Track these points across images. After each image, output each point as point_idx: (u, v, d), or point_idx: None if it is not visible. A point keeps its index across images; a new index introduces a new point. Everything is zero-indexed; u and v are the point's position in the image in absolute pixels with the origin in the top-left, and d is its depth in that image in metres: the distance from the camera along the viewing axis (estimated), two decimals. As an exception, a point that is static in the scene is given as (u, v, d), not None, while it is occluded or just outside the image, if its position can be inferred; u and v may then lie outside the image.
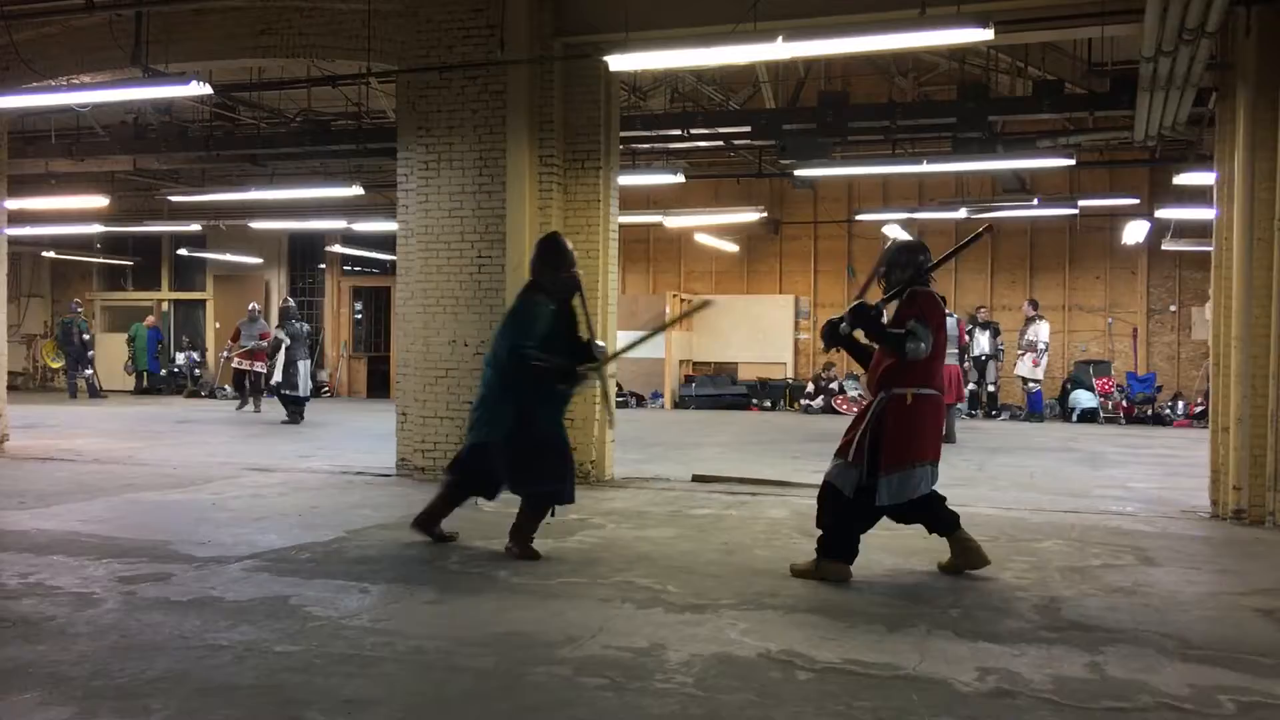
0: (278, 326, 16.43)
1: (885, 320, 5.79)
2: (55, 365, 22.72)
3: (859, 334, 5.85)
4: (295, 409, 15.57)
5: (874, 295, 5.96)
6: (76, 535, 6.65)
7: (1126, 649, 4.42)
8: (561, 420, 6.36)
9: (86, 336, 20.94)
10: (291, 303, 17.01)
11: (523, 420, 6.04)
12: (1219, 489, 7.86)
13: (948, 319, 13.77)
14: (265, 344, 16.96)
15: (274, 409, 16.63)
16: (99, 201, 16.94)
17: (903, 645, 4.44)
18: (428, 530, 6.49)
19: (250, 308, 17.97)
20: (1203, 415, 14.83)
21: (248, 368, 17.28)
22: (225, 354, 18.90)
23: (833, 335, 5.88)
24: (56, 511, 7.56)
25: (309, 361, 16.21)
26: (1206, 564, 6.28)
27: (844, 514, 5.68)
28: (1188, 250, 16.85)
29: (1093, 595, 5.38)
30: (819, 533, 5.77)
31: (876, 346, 5.86)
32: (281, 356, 15.88)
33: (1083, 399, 17.74)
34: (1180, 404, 17.48)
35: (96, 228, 20.23)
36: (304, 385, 15.88)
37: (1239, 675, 4.09)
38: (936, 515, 5.87)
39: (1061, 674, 4.07)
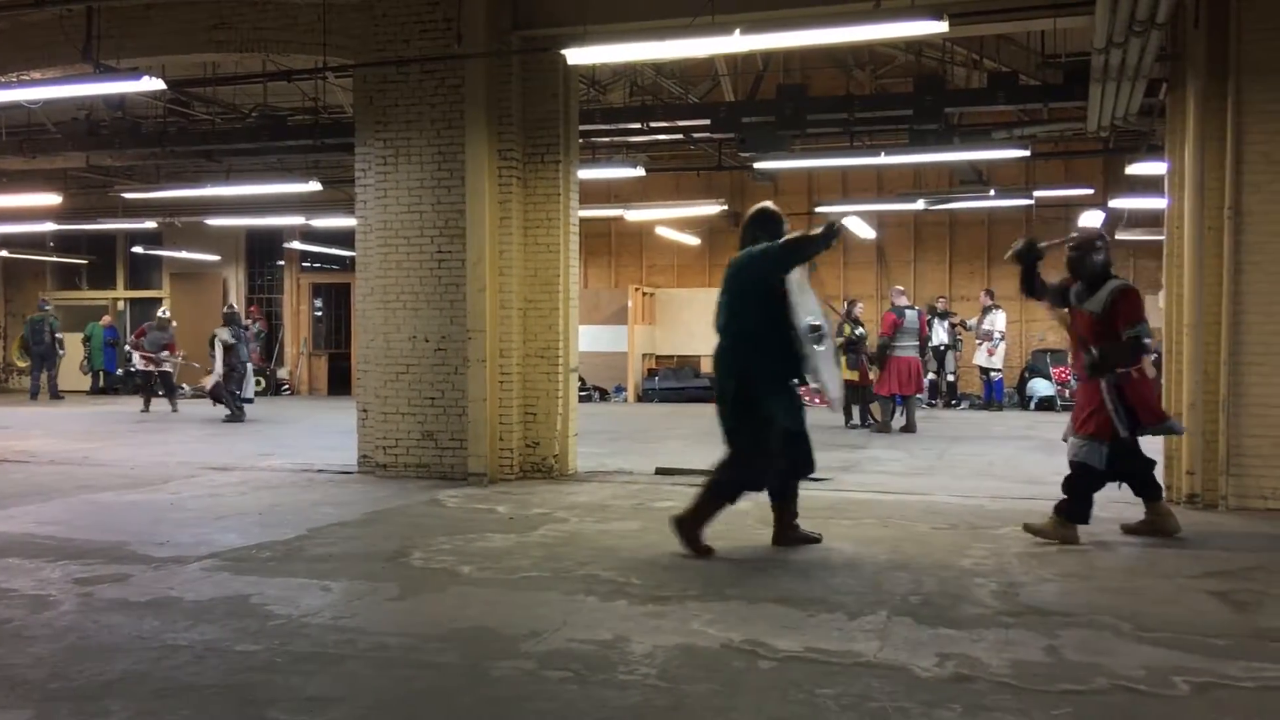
0: (222, 328, 16.20)
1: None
2: (22, 364, 22.21)
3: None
4: (238, 406, 15.54)
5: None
6: (32, 537, 6.56)
7: (1083, 632, 4.48)
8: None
9: (59, 336, 20.52)
10: (236, 308, 16.95)
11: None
12: (1173, 474, 7.98)
13: (908, 311, 14.01)
14: (169, 355, 17.14)
15: (196, 407, 16.49)
16: (52, 199, 16.69)
17: (863, 633, 4.48)
18: (792, 538, 6.28)
19: (159, 312, 17.82)
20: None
21: (153, 369, 17.05)
22: (128, 348, 18.66)
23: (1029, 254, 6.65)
24: (11, 514, 7.45)
25: (249, 362, 16.25)
26: (1161, 547, 6.37)
27: (1093, 486, 6.41)
28: (1141, 240, 17.07)
29: (1050, 580, 5.45)
30: (1062, 497, 6.44)
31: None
32: (220, 356, 15.80)
33: (1040, 387, 17.95)
34: (1135, 391, 17.70)
35: (50, 226, 19.95)
36: (248, 387, 15.93)
37: (1193, 656, 4.16)
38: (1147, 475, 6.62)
39: (1019, 658, 4.12)
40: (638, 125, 13.25)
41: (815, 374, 6.05)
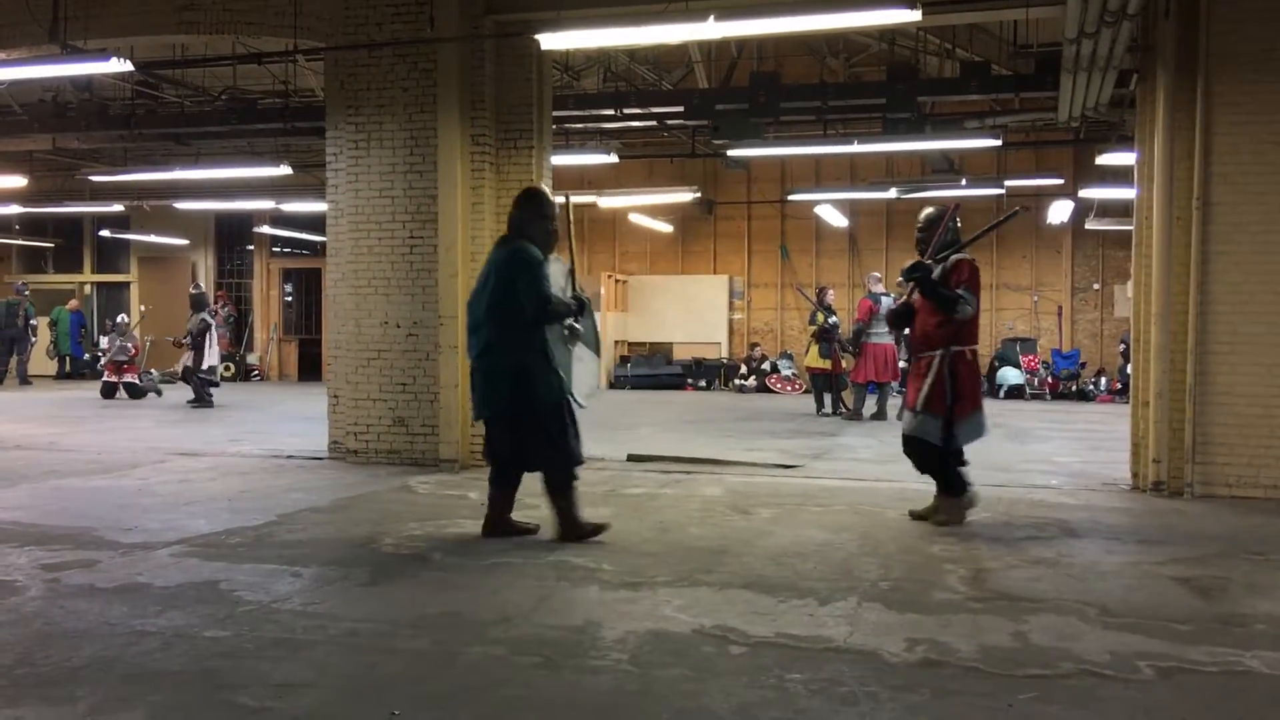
0: (197, 314, 16.04)
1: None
2: None
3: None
4: (205, 391, 15.47)
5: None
6: (-3, 523, 6.50)
7: (1050, 618, 4.53)
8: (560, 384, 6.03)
9: (34, 322, 20.19)
10: (203, 287, 16.81)
11: (523, 388, 5.86)
12: (1139, 462, 8.07)
13: (884, 299, 14.08)
14: (136, 357, 17.04)
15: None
16: (17, 182, 16.50)
17: (834, 618, 4.51)
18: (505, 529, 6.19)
19: (119, 319, 17.67)
20: (1124, 391, 15.21)
21: (116, 380, 16.87)
22: (100, 366, 18.49)
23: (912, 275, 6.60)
24: (-24, 499, 7.38)
25: (215, 347, 16.15)
26: (1127, 535, 6.45)
27: (941, 457, 6.53)
28: (1110, 229, 17.23)
29: (1018, 566, 5.50)
30: (928, 479, 6.70)
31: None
32: (211, 338, 15.69)
33: (1009, 376, 18.08)
34: (1103, 380, 17.89)
35: (15, 208, 19.67)
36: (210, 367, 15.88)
37: (1157, 641, 4.21)
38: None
39: (987, 643, 4.16)
40: (611, 111, 13.21)
41: (564, 371, 6.01)
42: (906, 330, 7.03)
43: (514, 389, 5.86)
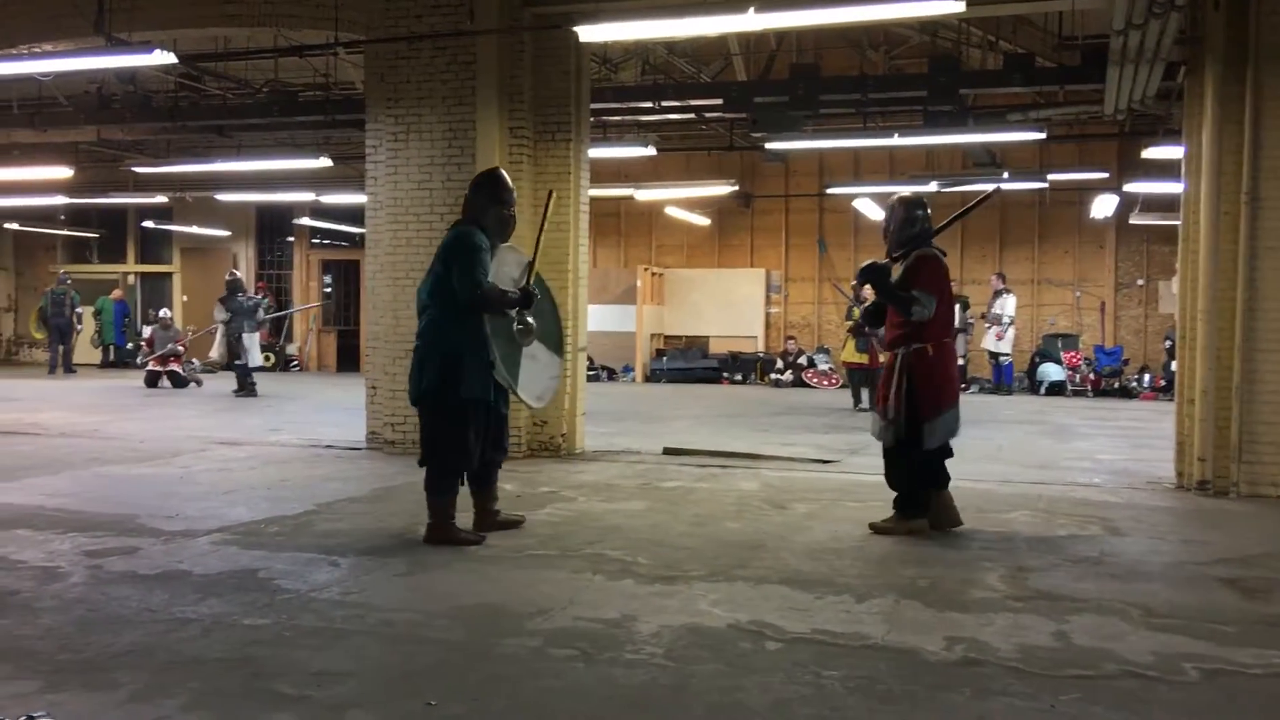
0: (220, 300, 16.24)
1: (893, 276, 6.15)
2: (39, 336, 22.10)
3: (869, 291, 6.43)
4: (248, 380, 15.59)
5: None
6: (41, 509, 6.58)
7: (1092, 618, 4.47)
8: (492, 379, 5.76)
9: (79, 310, 20.45)
10: (239, 275, 16.93)
11: (450, 377, 5.62)
12: (1184, 460, 7.95)
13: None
14: (181, 349, 17.25)
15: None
16: (63, 173, 16.71)
17: (871, 615, 4.47)
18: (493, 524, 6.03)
19: (161, 314, 17.90)
20: (1168, 388, 15.01)
21: (160, 369, 17.10)
22: (141, 359, 18.70)
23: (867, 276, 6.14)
24: (21, 485, 7.48)
25: (255, 334, 16.21)
26: (1171, 534, 6.36)
27: (909, 473, 6.13)
28: (1156, 224, 16.97)
29: (1059, 565, 5.43)
30: (893, 494, 6.24)
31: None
32: (220, 333, 15.87)
33: (1051, 372, 17.88)
34: (1147, 377, 17.65)
35: (61, 199, 19.95)
36: (254, 358, 15.95)
37: (1203, 643, 4.14)
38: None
39: (1028, 643, 4.11)
40: (649, 104, 13.21)
41: (507, 366, 5.78)
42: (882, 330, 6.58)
43: (438, 371, 5.64)
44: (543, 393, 6.23)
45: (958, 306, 17.68)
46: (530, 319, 5.94)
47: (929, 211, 6.33)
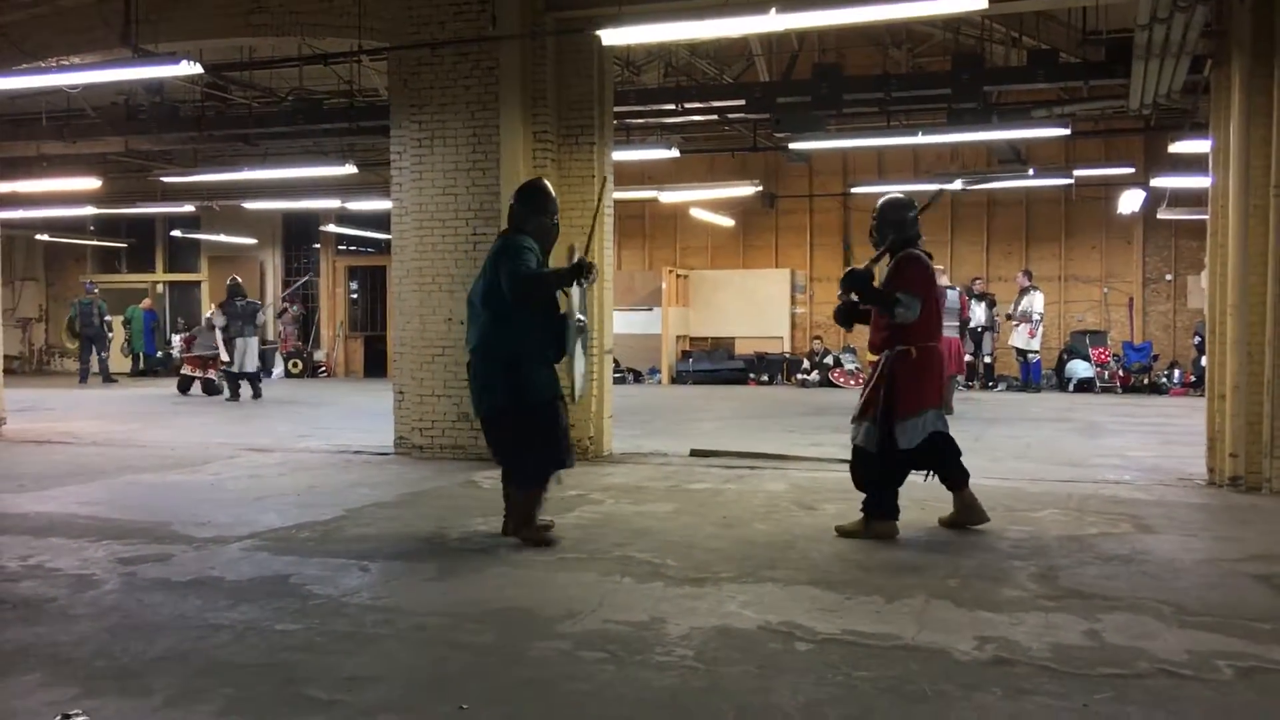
0: (219, 306, 16.39)
1: (876, 279, 6.18)
2: (71, 346, 22.32)
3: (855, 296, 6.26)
4: (236, 385, 15.82)
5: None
6: (75, 517, 6.66)
7: (1124, 616, 4.43)
8: (555, 375, 5.88)
9: (109, 318, 20.65)
10: (239, 280, 17.07)
11: (516, 387, 5.70)
12: (1215, 456, 7.88)
13: (949, 292, 13.87)
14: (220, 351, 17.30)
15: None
16: (91, 183, 16.86)
17: (901, 615, 4.45)
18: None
19: (206, 316, 17.99)
20: (1198, 384, 14.87)
21: (198, 375, 17.22)
22: (178, 355, 18.84)
23: (851, 281, 6.17)
24: (55, 494, 7.56)
25: (254, 338, 16.31)
26: (1203, 531, 6.30)
27: (880, 473, 6.02)
28: (1184, 219, 16.82)
29: (1090, 563, 5.39)
30: (862, 495, 6.12)
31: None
32: (219, 336, 16.00)
33: (1079, 369, 17.76)
34: (1176, 372, 17.50)
35: (90, 210, 20.15)
36: (249, 362, 16.07)
37: (1236, 640, 4.10)
38: (950, 465, 6.19)
39: (1060, 642, 4.08)
40: (672, 106, 13.20)
41: (574, 363, 5.90)
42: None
43: (506, 381, 5.70)
44: (583, 389, 6.35)
45: (984, 304, 17.72)
46: (582, 316, 6.00)
47: (915, 213, 6.36)
